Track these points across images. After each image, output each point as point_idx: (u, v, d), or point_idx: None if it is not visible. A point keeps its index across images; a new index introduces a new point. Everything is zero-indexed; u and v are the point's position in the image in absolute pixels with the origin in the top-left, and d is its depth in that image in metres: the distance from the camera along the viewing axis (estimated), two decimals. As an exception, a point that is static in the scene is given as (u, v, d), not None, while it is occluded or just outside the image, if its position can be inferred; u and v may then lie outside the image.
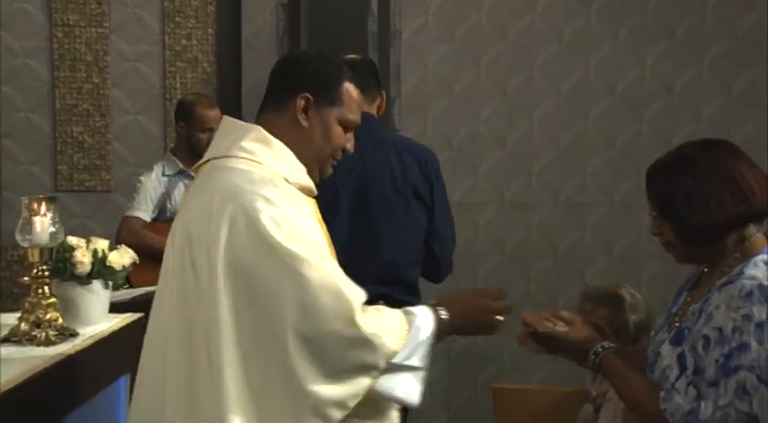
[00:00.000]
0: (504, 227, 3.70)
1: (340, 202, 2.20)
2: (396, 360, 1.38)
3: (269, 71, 1.59)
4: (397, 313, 1.43)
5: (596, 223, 3.70)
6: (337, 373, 1.34)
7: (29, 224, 1.74)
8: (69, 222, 3.41)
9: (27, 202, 1.76)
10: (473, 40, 3.65)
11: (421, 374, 1.42)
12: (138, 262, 2.04)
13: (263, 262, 1.34)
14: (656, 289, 3.38)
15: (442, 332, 1.46)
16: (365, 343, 1.35)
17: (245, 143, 1.46)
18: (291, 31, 3.59)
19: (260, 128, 1.48)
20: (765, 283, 1.40)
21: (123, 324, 1.98)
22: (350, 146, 1.55)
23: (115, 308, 2.04)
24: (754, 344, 1.37)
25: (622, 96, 3.67)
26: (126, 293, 2.25)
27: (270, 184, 1.40)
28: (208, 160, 1.50)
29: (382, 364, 1.36)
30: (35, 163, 3.72)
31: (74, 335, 1.80)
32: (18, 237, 1.75)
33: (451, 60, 3.66)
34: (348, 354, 1.34)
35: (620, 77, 3.65)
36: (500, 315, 1.52)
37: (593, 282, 2.34)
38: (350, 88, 1.52)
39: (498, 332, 1.52)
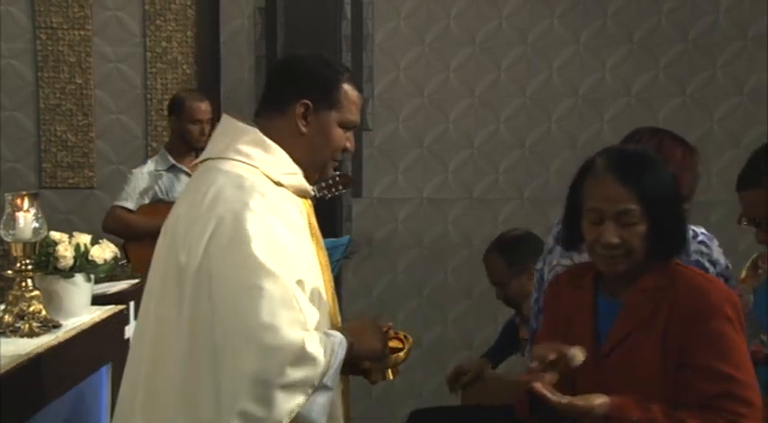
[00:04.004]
0: (472, 222, 3.82)
1: None
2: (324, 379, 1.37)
3: (246, 72, 1.57)
4: (328, 334, 1.42)
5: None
6: (277, 391, 1.31)
7: (12, 220, 1.78)
8: (53, 218, 3.52)
9: (11, 198, 1.80)
10: (442, 44, 3.75)
11: (331, 396, 1.40)
12: (118, 256, 2.13)
13: (233, 267, 1.33)
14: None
15: (350, 357, 1.44)
16: (309, 362, 1.34)
17: (242, 146, 1.44)
18: (268, 34, 3.68)
19: (257, 130, 1.46)
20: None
21: (105, 316, 2.04)
22: (350, 145, 1.53)
23: (98, 300, 2.10)
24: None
25: (584, 97, 3.78)
26: (108, 286, 2.34)
27: (257, 192, 1.39)
28: (205, 159, 1.49)
29: (318, 382, 1.36)
30: (20, 160, 3.80)
31: (57, 326, 1.85)
32: (2, 232, 1.79)
33: (422, 63, 3.76)
34: (293, 370, 1.32)
35: (581, 79, 3.75)
36: (387, 338, 1.53)
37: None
38: (348, 89, 1.49)
39: (384, 362, 1.53)
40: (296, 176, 1.48)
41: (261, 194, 1.39)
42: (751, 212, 1.59)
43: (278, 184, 1.45)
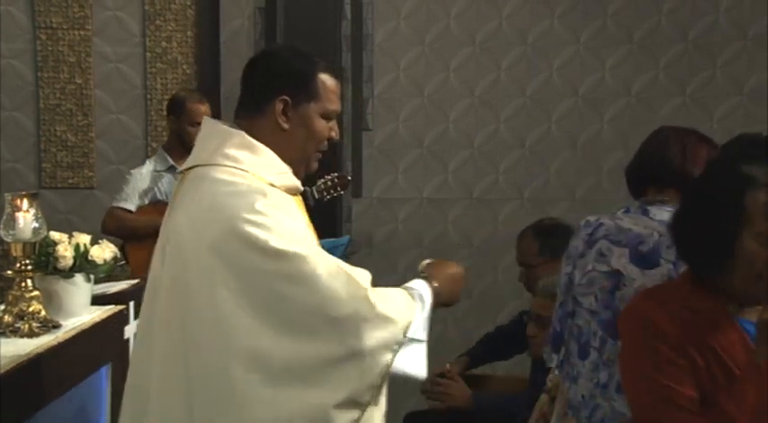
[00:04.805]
0: (472, 222, 3.83)
1: None
2: (409, 334, 1.39)
3: (246, 72, 1.56)
4: (398, 290, 1.44)
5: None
6: (362, 357, 1.33)
7: (12, 220, 1.78)
8: (53, 219, 3.52)
9: (10, 198, 1.80)
10: (442, 44, 3.76)
11: (425, 347, 1.43)
12: (118, 256, 2.14)
13: (262, 271, 1.32)
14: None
15: (437, 304, 1.48)
16: (385, 320, 1.35)
17: (229, 150, 1.42)
18: (268, 34, 3.69)
19: (243, 133, 1.44)
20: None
21: (105, 316, 2.04)
22: (334, 134, 1.51)
23: (98, 300, 2.09)
24: (606, 220, 1.77)
25: (584, 97, 3.79)
26: (108, 286, 2.34)
27: (255, 193, 1.37)
28: (193, 166, 1.47)
29: (401, 337, 1.37)
30: (20, 160, 3.81)
31: (56, 326, 1.84)
32: (2, 232, 1.78)
33: (422, 63, 3.77)
34: (371, 334, 1.33)
35: (581, 79, 3.76)
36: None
37: (545, 278, 2.39)
38: (325, 79, 1.47)
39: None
40: (286, 175, 1.47)
41: (262, 195, 1.38)
42: None
43: (270, 185, 1.44)
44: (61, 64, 3.76)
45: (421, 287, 1.46)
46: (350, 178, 3.13)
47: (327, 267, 1.34)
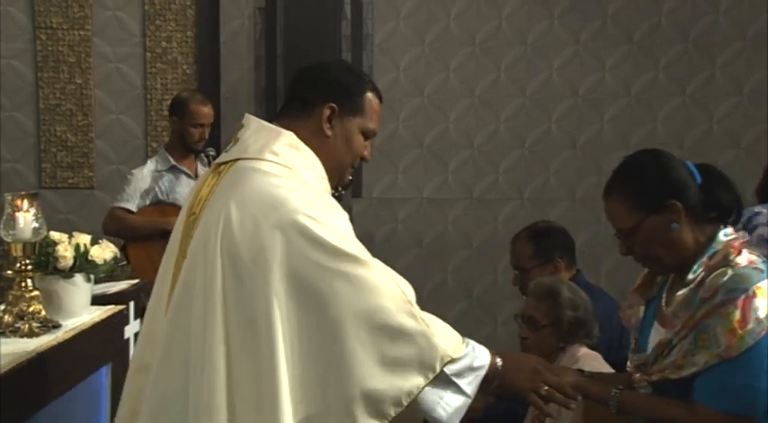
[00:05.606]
0: (472, 222, 3.84)
1: None
2: (449, 370, 1.37)
3: (246, 72, 1.55)
4: (450, 327, 1.43)
5: (559, 218, 3.77)
6: (394, 367, 1.34)
7: (12, 220, 1.77)
8: (53, 218, 3.52)
9: (10, 198, 1.79)
10: (442, 44, 3.77)
11: (467, 402, 1.38)
12: (118, 256, 2.13)
13: (319, 265, 1.34)
14: (615, 280, 3.56)
15: (492, 376, 1.43)
16: (422, 336, 1.36)
17: (279, 148, 1.44)
18: (268, 34, 3.70)
19: (292, 134, 1.46)
20: None
21: (105, 316, 2.02)
22: (367, 153, 1.56)
23: (98, 300, 2.08)
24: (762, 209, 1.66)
25: (584, 97, 3.80)
26: (108, 286, 2.33)
27: (316, 192, 1.42)
28: (235, 159, 1.46)
29: (437, 365, 1.36)
30: (20, 160, 3.81)
31: (56, 326, 1.82)
32: (2, 232, 1.78)
33: (422, 63, 3.78)
34: (406, 346, 1.34)
35: (581, 79, 3.77)
36: (550, 388, 1.48)
37: (537, 279, 2.38)
38: (371, 98, 1.52)
39: (538, 400, 1.47)
40: (324, 181, 1.49)
41: (320, 195, 1.43)
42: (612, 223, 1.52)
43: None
44: (61, 64, 3.76)
45: (478, 346, 1.44)
46: (350, 178, 3.13)
47: (383, 276, 1.38)
